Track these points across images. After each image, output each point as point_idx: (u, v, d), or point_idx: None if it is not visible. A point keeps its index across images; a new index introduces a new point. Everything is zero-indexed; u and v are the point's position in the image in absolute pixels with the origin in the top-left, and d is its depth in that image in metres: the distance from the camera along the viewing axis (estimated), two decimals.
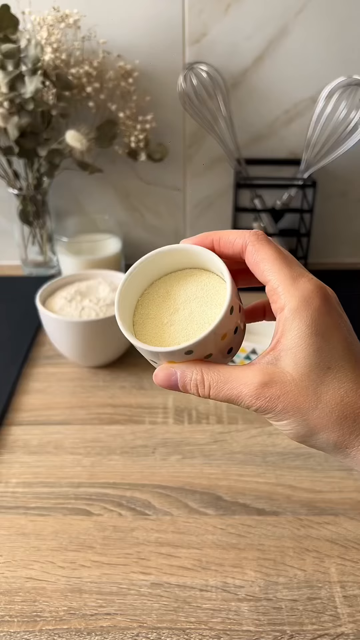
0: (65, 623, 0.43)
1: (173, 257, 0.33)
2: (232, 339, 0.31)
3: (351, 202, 0.93)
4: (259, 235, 0.30)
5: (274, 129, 0.88)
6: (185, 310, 0.32)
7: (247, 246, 0.30)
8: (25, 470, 0.57)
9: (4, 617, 0.43)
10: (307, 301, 0.28)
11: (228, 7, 0.79)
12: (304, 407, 0.28)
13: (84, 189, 0.93)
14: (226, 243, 0.31)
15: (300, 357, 0.28)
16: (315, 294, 0.28)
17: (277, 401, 0.28)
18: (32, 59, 0.72)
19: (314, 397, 0.28)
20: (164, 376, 0.31)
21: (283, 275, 0.29)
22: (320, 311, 0.28)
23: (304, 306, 0.28)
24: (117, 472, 0.57)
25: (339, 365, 0.28)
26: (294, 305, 0.28)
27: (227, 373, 0.29)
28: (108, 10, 0.79)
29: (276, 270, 0.29)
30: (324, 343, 0.28)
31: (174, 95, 0.82)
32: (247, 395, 0.29)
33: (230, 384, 0.29)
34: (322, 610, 0.44)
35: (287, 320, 0.28)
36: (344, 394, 0.28)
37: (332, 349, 0.28)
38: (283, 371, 0.28)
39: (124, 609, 0.44)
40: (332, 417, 0.28)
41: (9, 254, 0.98)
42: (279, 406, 0.28)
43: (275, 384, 0.28)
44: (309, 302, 0.28)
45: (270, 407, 0.28)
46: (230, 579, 0.46)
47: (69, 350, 0.69)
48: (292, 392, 0.28)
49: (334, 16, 0.79)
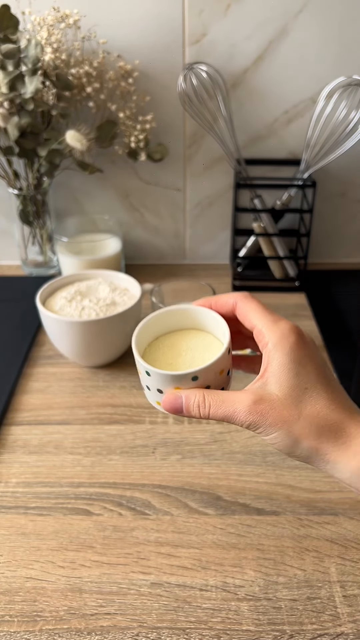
0: (65, 623, 0.43)
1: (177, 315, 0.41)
2: (225, 378, 0.38)
3: (351, 202, 0.93)
4: (245, 294, 0.39)
5: (273, 129, 0.88)
6: (187, 356, 0.39)
7: (238, 303, 0.39)
8: (25, 470, 0.57)
9: (4, 616, 0.43)
10: (285, 336, 0.35)
11: (228, 8, 0.79)
12: (288, 420, 0.34)
13: (84, 189, 0.93)
14: (221, 303, 0.39)
15: (283, 380, 0.34)
16: (291, 332, 0.36)
17: (267, 415, 0.34)
18: (32, 59, 0.72)
19: (296, 411, 0.34)
20: (171, 400, 0.37)
21: (266, 320, 0.36)
22: (296, 344, 0.35)
23: (283, 340, 0.35)
24: (117, 472, 0.57)
25: (314, 387, 0.34)
26: (275, 340, 0.35)
27: (224, 395, 0.36)
28: (108, 10, 0.79)
29: (260, 317, 0.37)
30: (301, 368, 0.35)
31: (174, 96, 0.82)
32: (241, 411, 0.34)
33: (227, 403, 0.35)
34: (321, 609, 0.44)
35: (270, 353, 0.35)
36: (319, 409, 0.34)
37: (308, 373, 0.35)
38: (270, 392, 0.35)
39: (124, 608, 0.44)
40: (312, 427, 0.34)
41: (9, 254, 0.98)
42: (269, 420, 0.34)
43: (264, 401, 0.34)
44: (286, 337, 0.35)
45: (261, 421, 0.34)
46: (230, 578, 0.46)
47: (69, 350, 0.69)
48: (279, 407, 0.34)
49: (334, 16, 0.79)
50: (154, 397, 0.39)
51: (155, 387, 0.38)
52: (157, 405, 0.39)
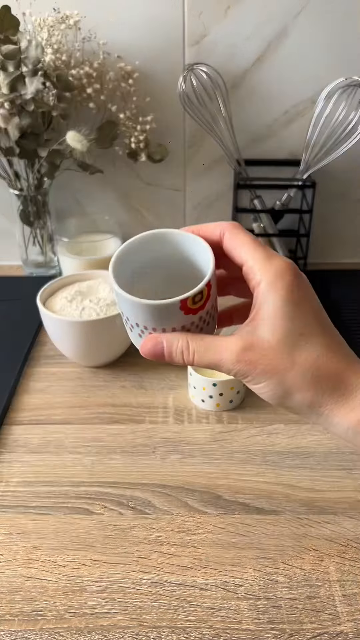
0: (65, 622, 0.43)
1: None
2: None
3: (351, 203, 0.93)
4: (235, 224, 0.34)
5: (273, 129, 0.88)
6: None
7: (225, 234, 0.33)
8: (26, 470, 0.57)
9: (5, 615, 0.44)
10: (281, 275, 0.31)
11: (228, 9, 0.79)
12: (280, 369, 0.31)
13: (85, 190, 0.93)
14: (206, 233, 0.34)
15: (276, 325, 0.31)
16: (288, 270, 0.31)
17: (256, 364, 0.31)
18: (32, 60, 0.73)
19: (290, 359, 0.31)
20: (151, 346, 0.33)
21: (258, 255, 0.32)
22: (293, 284, 0.31)
23: (279, 280, 0.31)
24: (117, 471, 0.57)
25: (310, 332, 0.31)
26: (269, 279, 0.31)
27: (210, 341, 0.32)
28: (108, 11, 0.79)
29: (252, 251, 0.32)
30: (297, 312, 0.31)
31: (174, 96, 0.82)
32: (228, 359, 0.31)
33: (213, 350, 0.32)
34: (321, 609, 0.44)
35: (263, 294, 0.31)
36: (316, 357, 0.31)
37: (304, 317, 0.31)
38: (261, 338, 0.31)
39: (124, 607, 0.44)
40: (306, 378, 0.31)
41: (10, 254, 0.98)
42: (258, 369, 0.31)
43: (254, 348, 0.31)
44: (282, 276, 0.31)
45: (250, 370, 0.31)
46: (230, 577, 0.46)
47: (70, 350, 0.69)
48: (270, 355, 0.31)
49: (334, 17, 0.79)
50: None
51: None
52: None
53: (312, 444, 0.60)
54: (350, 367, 0.31)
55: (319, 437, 0.60)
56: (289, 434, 0.61)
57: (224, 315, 0.39)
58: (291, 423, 0.62)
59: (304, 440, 0.60)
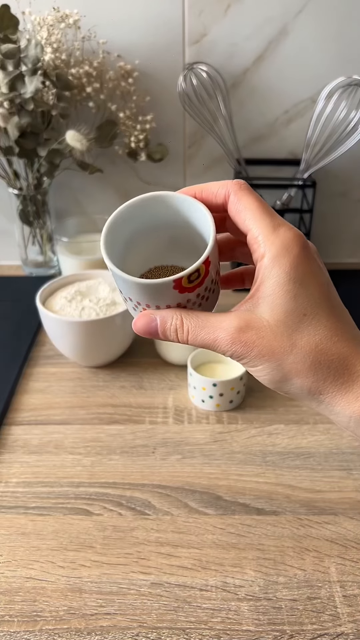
0: (65, 623, 0.43)
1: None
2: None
3: (351, 202, 0.93)
4: (241, 184, 0.31)
5: (273, 129, 0.88)
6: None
7: (230, 195, 0.31)
8: (26, 470, 0.57)
9: (4, 616, 0.43)
10: (286, 248, 0.29)
11: (228, 8, 0.79)
12: (278, 352, 0.28)
13: (84, 189, 0.93)
14: (208, 194, 0.31)
15: (277, 304, 0.28)
16: (295, 242, 0.29)
17: (253, 346, 0.29)
18: (32, 59, 0.72)
19: (289, 342, 0.28)
20: (144, 323, 0.31)
21: (264, 224, 0.29)
22: (299, 258, 0.29)
23: (284, 253, 0.29)
24: (117, 471, 0.57)
25: (314, 312, 0.29)
26: (273, 252, 0.29)
27: (205, 318, 0.30)
28: (108, 10, 0.79)
29: (257, 219, 0.30)
30: (301, 290, 0.28)
31: (174, 96, 0.82)
32: (223, 340, 0.29)
33: (207, 329, 0.30)
34: (321, 609, 0.44)
35: (266, 268, 0.29)
36: (318, 340, 0.28)
37: (309, 295, 0.29)
38: (259, 317, 0.29)
39: (124, 608, 0.44)
40: (307, 362, 0.28)
41: (9, 254, 0.98)
42: (254, 351, 0.29)
43: (251, 329, 0.29)
44: (288, 249, 0.29)
45: (245, 352, 0.29)
46: (230, 578, 0.46)
47: (69, 350, 0.69)
48: (267, 337, 0.29)
49: (334, 16, 0.79)
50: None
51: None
52: None
53: (313, 444, 0.59)
54: (355, 351, 0.29)
55: (319, 438, 0.60)
56: (289, 434, 0.61)
57: (234, 276, 0.37)
58: (291, 423, 0.62)
59: (304, 440, 0.60)
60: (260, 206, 0.30)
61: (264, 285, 0.29)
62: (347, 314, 0.30)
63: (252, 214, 0.30)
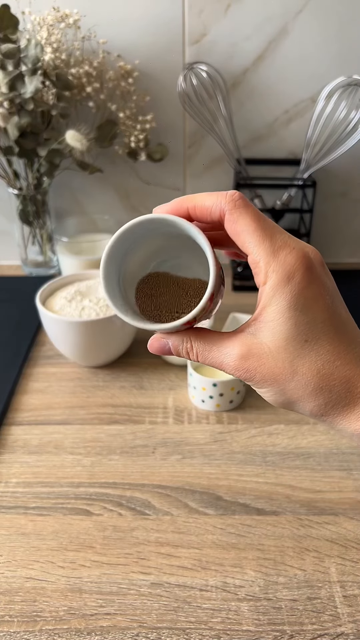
0: (65, 623, 0.43)
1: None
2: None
3: (351, 202, 0.93)
4: (235, 201, 0.29)
5: (273, 129, 0.88)
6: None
7: (225, 214, 0.29)
8: (25, 470, 0.57)
9: (4, 617, 0.43)
10: (287, 276, 0.28)
11: (228, 7, 0.79)
12: (280, 379, 0.29)
13: (84, 189, 0.93)
14: (202, 211, 0.30)
15: (278, 331, 0.29)
16: (297, 268, 0.28)
17: (255, 372, 0.29)
18: (32, 59, 0.72)
19: (290, 369, 0.29)
20: (158, 346, 0.32)
21: (263, 248, 0.29)
22: (302, 284, 0.28)
23: (285, 282, 0.28)
24: (117, 472, 0.57)
25: (316, 338, 0.29)
26: (274, 281, 0.28)
27: (211, 342, 0.31)
28: (108, 10, 0.79)
29: (257, 242, 0.29)
30: (303, 317, 0.28)
31: (174, 95, 0.82)
32: (228, 365, 0.30)
33: (213, 353, 0.31)
34: (322, 610, 0.44)
35: (267, 295, 0.29)
36: (320, 366, 0.29)
37: (310, 322, 0.29)
38: (261, 343, 0.29)
39: (124, 608, 0.44)
40: (308, 389, 0.29)
41: (9, 254, 0.98)
42: (257, 377, 0.29)
43: (252, 356, 0.29)
44: (289, 277, 0.28)
45: (249, 378, 0.30)
46: (230, 578, 0.46)
47: (69, 350, 0.69)
48: (269, 364, 0.29)
49: (334, 16, 0.79)
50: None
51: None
52: None
53: (313, 444, 0.59)
54: (359, 372, 0.29)
55: (319, 438, 0.60)
56: (289, 434, 0.61)
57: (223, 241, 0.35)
58: (292, 423, 0.62)
59: (304, 440, 0.60)
60: (258, 227, 0.29)
61: (265, 311, 0.29)
62: (353, 328, 0.30)
63: (251, 237, 0.29)
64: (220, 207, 0.29)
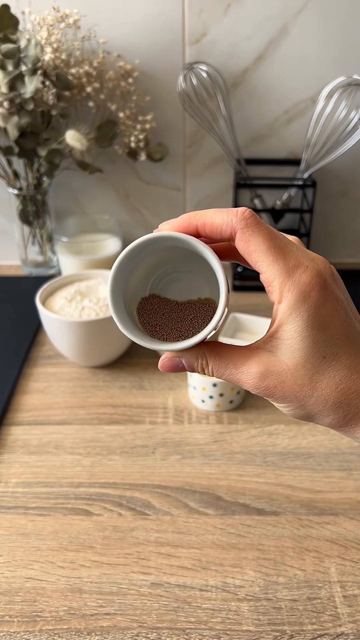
0: (65, 623, 0.43)
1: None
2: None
3: (351, 202, 0.93)
4: (247, 220, 0.29)
5: (273, 128, 0.88)
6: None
7: (237, 233, 0.29)
8: (25, 470, 0.57)
9: (4, 617, 0.43)
10: (303, 296, 0.28)
11: (228, 7, 0.79)
12: (300, 395, 0.29)
13: (84, 189, 0.93)
14: (212, 229, 0.30)
15: (296, 349, 0.29)
16: (312, 287, 0.28)
17: (275, 390, 0.30)
18: (32, 58, 0.72)
19: (310, 386, 0.29)
20: (170, 366, 0.32)
21: (278, 269, 0.29)
22: (318, 303, 0.29)
23: (301, 302, 0.28)
24: (117, 472, 0.57)
25: (333, 354, 0.29)
26: (290, 300, 0.29)
27: (227, 358, 0.31)
28: (108, 10, 0.79)
29: (270, 262, 0.29)
30: (320, 334, 0.29)
31: (174, 95, 0.82)
32: (247, 383, 0.30)
33: (230, 370, 0.31)
34: (322, 610, 0.44)
35: (284, 314, 0.29)
36: (338, 381, 0.29)
37: (328, 339, 0.29)
38: (279, 360, 0.30)
39: (124, 608, 0.44)
40: (328, 404, 0.29)
41: (9, 254, 0.98)
42: (277, 394, 0.30)
43: (271, 374, 0.30)
44: (305, 296, 0.28)
45: (269, 395, 0.30)
46: (230, 578, 0.46)
47: (69, 350, 0.69)
48: (288, 381, 0.29)
49: (334, 16, 0.79)
50: None
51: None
52: None
53: (313, 444, 0.59)
54: None
55: (319, 438, 0.60)
56: (289, 434, 0.61)
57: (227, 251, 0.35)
58: (292, 424, 0.62)
59: (304, 440, 0.60)
60: (271, 246, 0.29)
61: (282, 329, 0.29)
62: None
63: (265, 257, 0.29)
64: (232, 226, 0.29)
